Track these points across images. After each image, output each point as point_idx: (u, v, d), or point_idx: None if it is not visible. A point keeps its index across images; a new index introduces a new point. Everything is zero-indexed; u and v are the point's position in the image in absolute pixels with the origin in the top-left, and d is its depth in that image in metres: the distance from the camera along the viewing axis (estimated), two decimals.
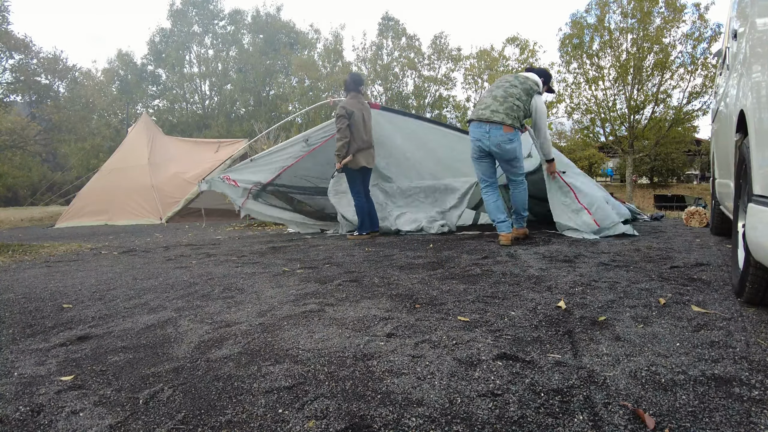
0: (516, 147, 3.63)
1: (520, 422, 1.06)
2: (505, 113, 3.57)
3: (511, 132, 3.58)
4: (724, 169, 2.89)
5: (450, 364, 1.38)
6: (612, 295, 2.06)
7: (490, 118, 3.58)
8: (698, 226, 4.86)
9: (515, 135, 3.62)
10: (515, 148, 3.63)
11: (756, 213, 1.52)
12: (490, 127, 3.59)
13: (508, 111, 3.59)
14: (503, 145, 3.59)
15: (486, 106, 3.67)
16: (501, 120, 3.55)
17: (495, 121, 3.56)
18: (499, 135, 3.57)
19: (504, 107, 3.60)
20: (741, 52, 2.01)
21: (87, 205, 9.99)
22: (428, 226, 4.80)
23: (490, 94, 3.74)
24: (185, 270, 3.19)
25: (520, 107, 3.64)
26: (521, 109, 3.64)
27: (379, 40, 27.44)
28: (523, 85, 3.71)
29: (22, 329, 1.92)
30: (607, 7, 20.54)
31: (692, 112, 20.44)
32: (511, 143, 3.59)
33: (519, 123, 3.63)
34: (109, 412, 1.18)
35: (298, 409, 1.15)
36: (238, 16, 31.12)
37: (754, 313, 1.75)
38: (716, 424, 1.02)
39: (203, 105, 31.00)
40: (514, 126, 3.58)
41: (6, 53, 19.66)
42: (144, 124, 11.38)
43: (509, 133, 3.57)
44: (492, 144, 3.60)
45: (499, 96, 3.67)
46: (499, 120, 3.55)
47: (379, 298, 2.17)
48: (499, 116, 3.57)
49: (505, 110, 3.59)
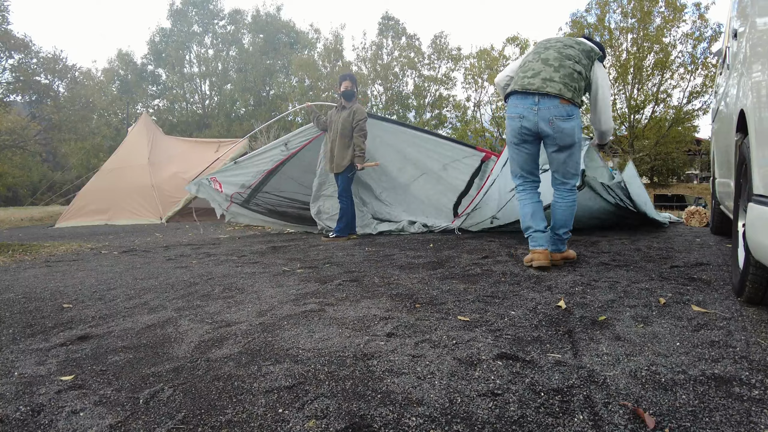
0: (576, 127, 2.64)
1: (520, 422, 1.06)
2: (562, 82, 2.60)
3: (570, 106, 2.62)
4: (724, 169, 2.88)
5: (450, 364, 1.38)
6: (612, 295, 2.06)
7: (541, 88, 2.60)
8: (698, 225, 4.86)
9: (575, 111, 2.64)
10: (575, 128, 2.63)
11: (756, 213, 1.52)
12: (540, 98, 2.62)
13: (567, 80, 2.62)
14: (558, 121, 2.59)
15: (535, 72, 2.68)
16: (558, 91, 2.58)
17: (549, 92, 2.59)
18: (553, 106, 2.60)
19: (561, 74, 2.62)
20: (741, 52, 2.01)
21: (87, 204, 9.98)
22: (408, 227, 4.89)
23: (538, 57, 2.74)
24: (185, 270, 3.19)
25: (582, 75, 2.66)
26: (583, 77, 2.67)
27: (379, 40, 27.44)
28: (582, 45, 2.74)
29: (22, 329, 1.92)
30: (607, 6, 20.54)
31: (692, 111, 20.45)
32: (570, 120, 2.61)
33: (580, 98, 2.71)
34: (109, 412, 1.18)
35: (298, 409, 1.15)
36: (238, 15, 31.13)
37: (754, 312, 1.75)
38: (716, 423, 1.02)
39: (203, 105, 31.00)
40: (574, 100, 2.62)
41: (6, 53, 19.66)
42: (144, 124, 11.37)
43: (567, 105, 2.61)
44: (542, 119, 2.61)
45: (551, 59, 2.68)
46: (555, 91, 2.58)
47: (379, 298, 2.17)
48: (555, 86, 2.59)
49: (563, 78, 2.62)
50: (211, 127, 27.98)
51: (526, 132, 2.69)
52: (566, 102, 2.60)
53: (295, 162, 5.29)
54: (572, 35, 21.73)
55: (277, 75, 30.43)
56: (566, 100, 2.59)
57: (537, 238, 2.72)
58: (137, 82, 30.23)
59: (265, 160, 5.20)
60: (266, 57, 29.53)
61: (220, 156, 10.56)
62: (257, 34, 30.68)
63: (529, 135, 2.70)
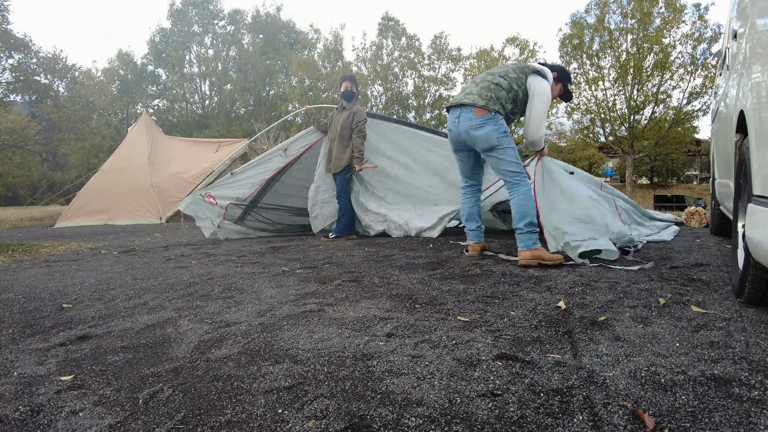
0: (490, 133, 2.85)
1: (520, 422, 1.06)
2: (478, 94, 2.91)
3: (484, 115, 2.85)
4: (724, 170, 2.89)
5: (450, 364, 1.38)
6: (612, 295, 2.06)
7: (461, 100, 2.95)
8: (698, 226, 4.86)
9: (489, 119, 2.85)
10: (488, 134, 2.86)
11: (756, 213, 1.52)
12: (460, 111, 2.94)
13: (483, 91, 2.91)
14: (472, 131, 2.89)
15: (461, 89, 3.14)
16: (472, 101, 2.88)
17: (465, 103, 2.91)
18: (467, 119, 2.89)
19: (479, 88, 2.95)
20: (741, 53, 2.01)
21: (87, 204, 9.98)
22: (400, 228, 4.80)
23: (472, 80, 3.14)
24: (185, 270, 3.19)
25: (501, 86, 2.93)
26: (502, 88, 2.93)
27: (379, 40, 27.45)
28: (515, 65, 3.08)
29: (21, 329, 1.92)
30: (607, 7, 20.55)
31: (692, 112, 20.45)
32: (482, 128, 2.86)
33: (498, 105, 2.90)
34: (108, 412, 1.18)
35: (297, 409, 1.15)
36: (238, 16, 31.14)
37: (753, 313, 1.75)
38: (716, 424, 1.02)
39: (203, 105, 31.01)
40: (488, 108, 2.85)
41: (6, 53, 19.66)
42: (144, 124, 11.38)
43: (480, 116, 2.86)
44: (461, 130, 2.95)
45: (479, 79, 3.06)
46: (469, 101, 2.89)
47: (378, 298, 2.17)
48: (470, 98, 2.91)
49: (480, 90, 2.92)
50: (211, 127, 27.98)
51: (455, 142, 3.09)
52: (480, 111, 2.86)
53: (297, 167, 5.23)
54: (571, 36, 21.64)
55: (277, 75, 30.45)
56: (479, 108, 2.86)
57: (470, 234, 3.24)
58: (137, 82, 30.25)
59: (264, 170, 5.09)
60: (266, 57, 29.54)
61: (222, 158, 10.57)
62: (257, 35, 30.70)
63: (458, 144, 3.09)
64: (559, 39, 21.70)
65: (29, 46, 20.16)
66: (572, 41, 21.10)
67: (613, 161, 31.11)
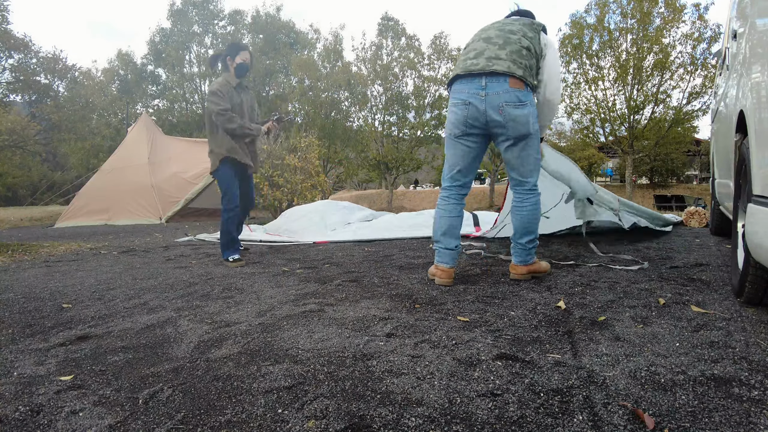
0: (530, 115, 2.25)
1: (520, 422, 1.06)
2: (510, 59, 2.23)
3: (522, 89, 2.23)
4: (723, 170, 2.89)
5: (450, 364, 1.38)
6: (611, 295, 2.06)
7: (487, 66, 2.24)
8: (698, 226, 4.86)
9: (528, 95, 2.25)
10: (528, 116, 2.25)
11: (756, 213, 1.52)
12: (487, 80, 2.24)
13: (515, 57, 2.24)
14: (509, 108, 2.22)
15: (478, 52, 2.32)
16: (507, 68, 2.21)
17: (496, 71, 2.22)
18: (504, 91, 2.21)
19: (507, 51, 2.26)
20: (741, 53, 2.01)
21: (87, 204, 9.98)
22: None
23: (479, 38, 2.40)
24: (185, 270, 3.19)
25: (531, 50, 2.29)
26: (532, 53, 2.29)
27: (378, 40, 27.41)
28: (522, 20, 2.42)
29: (21, 329, 1.92)
30: (606, 7, 20.55)
31: (692, 112, 20.46)
32: (523, 107, 2.23)
33: (533, 78, 2.30)
34: (108, 412, 1.18)
35: (297, 409, 1.15)
36: (238, 16, 31.14)
37: (753, 313, 1.75)
38: (716, 424, 1.02)
39: (203, 105, 30.99)
40: (525, 80, 2.23)
41: (6, 53, 19.67)
42: (144, 124, 11.37)
43: (518, 89, 2.22)
44: (490, 106, 2.23)
45: (494, 36, 2.33)
46: (504, 69, 2.21)
47: (378, 298, 2.17)
48: (502, 64, 2.23)
49: (510, 55, 2.25)
50: None
51: (472, 122, 2.31)
52: (517, 83, 2.22)
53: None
54: (571, 36, 21.64)
55: (277, 75, 30.43)
56: (517, 79, 2.22)
57: (443, 254, 2.42)
58: (137, 82, 30.24)
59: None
60: (266, 57, 29.53)
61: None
62: (257, 35, 30.69)
63: (475, 126, 2.31)
64: (559, 39, 21.71)
65: (29, 46, 20.16)
66: (572, 41, 21.10)
67: (612, 161, 31.12)
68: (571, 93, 21.67)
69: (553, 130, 26.05)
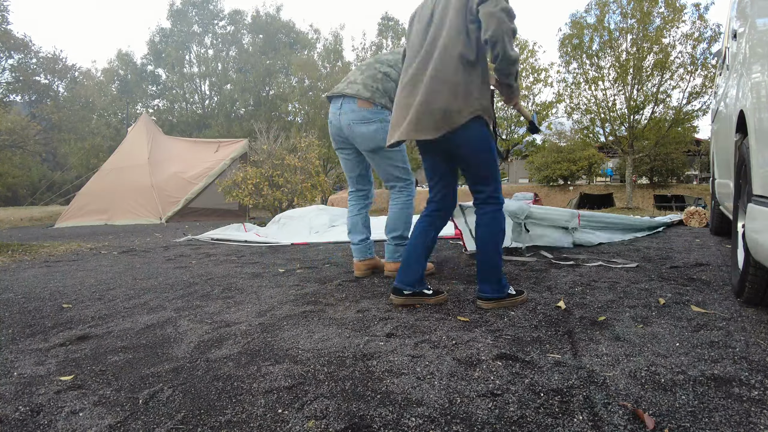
0: (376, 131, 2.52)
1: (520, 422, 1.06)
2: (363, 83, 2.55)
3: (369, 108, 2.52)
4: (723, 169, 2.89)
5: (450, 364, 1.38)
6: (612, 295, 2.06)
7: (343, 90, 2.59)
8: (698, 226, 4.86)
9: (376, 114, 2.53)
10: (374, 132, 2.52)
11: (756, 213, 1.52)
12: (343, 101, 2.57)
13: (368, 81, 2.56)
14: (355, 126, 2.53)
15: (345, 78, 2.71)
16: (356, 92, 2.53)
17: (346, 93, 2.56)
18: (351, 111, 2.54)
19: (364, 76, 2.59)
20: (741, 53, 2.01)
21: (87, 204, 9.99)
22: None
23: (357, 66, 2.75)
24: (185, 270, 3.19)
25: (390, 76, 2.57)
26: (390, 78, 2.56)
27: (378, 40, 27.43)
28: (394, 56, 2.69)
29: (21, 329, 1.92)
30: (606, 7, 20.53)
31: (692, 112, 20.43)
32: (368, 124, 2.52)
33: (386, 98, 2.55)
34: (108, 412, 1.18)
35: (297, 409, 1.15)
36: (238, 16, 31.16)
37: (753, 313, 1.75)
38: (716, 424, 1.02)
39: (203, 105, 31.02)
40: (374, 100, 2.52)
41: (6, 53, 19.67)
42: (144, 124, 11.38)
43: (365, 109, 2.52)
44: (344, 124, 2.57)
45: (365, 65, 2.69)
46: (353, 92, 2.54)
47: (378, 298, 2.17)
48: (354, 87, 2.56)
49: (365, 80, 2.57)
50: (210, 127, 27.98)
51: (336, 137, 2.68)
52: (365, 103, 2.52)
53: None
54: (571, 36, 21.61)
55: (277, 75, 30.43)
56: (364, 100, 2.51)
57: (353, 249, 2.72)
58: (137, 82, 30.26)
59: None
60: (266, 57, 29.55)
61: (219, 156, 10.57)
62: (257, 35, 30.71)
63: (340, 140, 2.68)
64: (558, 39, 21.69)
65: (29, 47, 20.19)
66: (572, 41, 21.08)
67: (612, 161, 31.10)
68: (572, 93, 21.67)
69: (554, 130, 26.05)
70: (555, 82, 22.75)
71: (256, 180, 9.05)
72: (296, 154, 9.78)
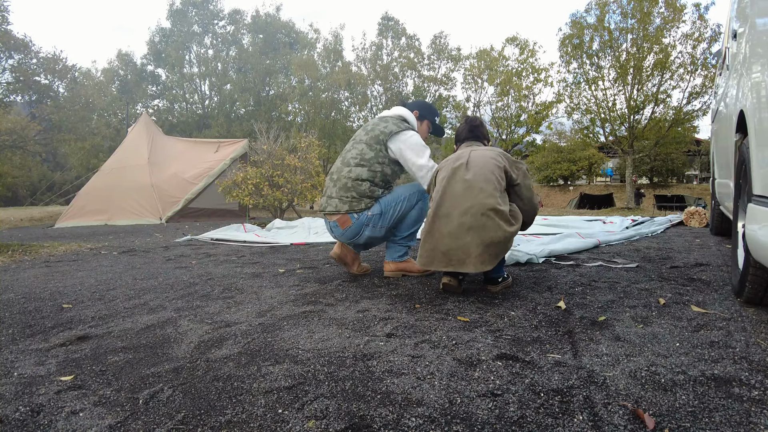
0: (372, 234, 2.58)
1: (520, 422, 1.06)
2: (338, 197, 2.57)
3: (349, 224, 2.56)
4: (724, 169, 2.89)
5: (450, 364, 1.38)
6: (612, 295, 2.06)
7: (326, 208, 2.63)
8: (698, 226, 4.86)
9: (360, 224, 2.54)
10: (371, 236, 2.59)
11: (756, 213, 1.52)
12: (330, 225, 2.64)
13: (342, 193, 2.57)
14: (353, 240, 2.62)
15: (324, 191, 2.73)
16: (335, 208, 2.57)
17: (329, 212, 2.61)
18: (340, 234, 2.60)
19: (337, 187, 2.59)
20: (741, 53, 2.01)
21: (87, 204, 9.98)
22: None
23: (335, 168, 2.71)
24: (185, 270, 3.19)
25: (361, 177, 2.55)
26: (362, 179, 2.55)
27: (378, 40, 27.41)
28: (371, 133, 2.64)
29: (21, 329, 1.92)
30: (606, 7, 20.53)
31: (692, 112, 20.43)
32: (359, 236, 2.57)
33: (364, 202, 2.55)
34: (108, 412, 1.18)
35: (298, 409, 1.15)
36: (238, 16, 31.13)
37: (753, 313, 1.75)
38: (716, 424, 1.02)
39: (203, 105, 31.00)
40: (353, 210, 2.54)
41: (6, 53, 19.68)
42: (144, 124, 11.38)
43: (347, 228, 2.56)
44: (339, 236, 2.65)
45: (335, 171, 2.66)
46: (332, 209, 2.58)
47: (379, 298, 2.17)
48: (332, 203, 2.59)
49: (338, 192, 2.58)
50: (210, 127, 27.97)
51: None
52: (344, 219, 2.56)
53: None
54: (571, 36, 21.64)
55: (277, 75, 30.41)
56: (342, 215, 2.56)
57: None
58: (137, 82, 30.24)
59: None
60: (266, 57, 29.52)
61: (219, 156, 10.57)
62: (257, 35, 30.68)
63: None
64: (559, 39, 21.69)
65: (29, 47, 20.19)
66: (572, 41, 21.08)
67: (613, 161, 31.11)
68: (572, 93, 21.67)
69: (554, 129, 26.05)
70: (555, 82, 22.73)
71: (256, 180, 9.04)
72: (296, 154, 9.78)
